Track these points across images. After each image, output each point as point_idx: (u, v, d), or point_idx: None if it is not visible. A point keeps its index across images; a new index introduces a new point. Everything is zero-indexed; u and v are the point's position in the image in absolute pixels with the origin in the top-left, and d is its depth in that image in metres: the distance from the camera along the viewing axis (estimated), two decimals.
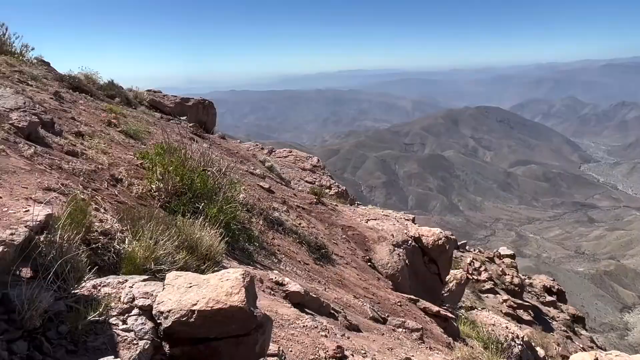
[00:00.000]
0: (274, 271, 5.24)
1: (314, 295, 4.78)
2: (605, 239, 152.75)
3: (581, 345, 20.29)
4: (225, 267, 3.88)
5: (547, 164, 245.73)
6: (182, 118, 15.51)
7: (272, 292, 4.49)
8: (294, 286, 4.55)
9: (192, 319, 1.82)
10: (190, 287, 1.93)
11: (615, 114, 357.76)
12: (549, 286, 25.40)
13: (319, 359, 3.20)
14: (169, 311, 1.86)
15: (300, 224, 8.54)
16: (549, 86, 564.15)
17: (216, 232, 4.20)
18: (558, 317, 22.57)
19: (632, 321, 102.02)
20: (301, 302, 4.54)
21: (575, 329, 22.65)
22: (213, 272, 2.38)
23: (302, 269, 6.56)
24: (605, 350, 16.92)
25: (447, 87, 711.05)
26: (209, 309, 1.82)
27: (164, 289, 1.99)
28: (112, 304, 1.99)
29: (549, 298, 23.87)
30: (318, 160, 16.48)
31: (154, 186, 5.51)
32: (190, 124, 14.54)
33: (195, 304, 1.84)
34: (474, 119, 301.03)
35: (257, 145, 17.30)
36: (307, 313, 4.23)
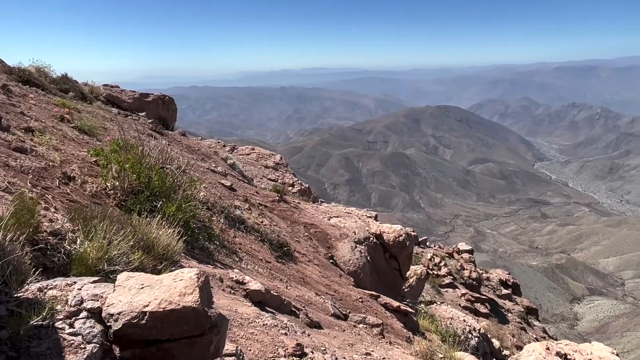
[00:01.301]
0: (235, 270, 5.19)
1: (275, 294, 4.76)
2: (556, 234, 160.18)
3: (534, 336, 21.17)
4: (183, 267, 3.80)
5: (503, 162, 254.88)
6: (140, 114, 15.06)
7: (233, 291, 4.43)
8: (254, 285, 4.51)
9: (144, 321, 1.77)
10: (143, 288, 1.87)
11: (566, 115, 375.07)
12: (504, 280, 26.39)
13: (278, 357, 3.19)
14: (119, 313, 1.79)
15: (262, 222, 8.48)
16: (505, 87, 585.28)
17: (174, 231, 4.10)
18: (513, 309, 23.48)
19: (581, 311, 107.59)
20: (262, 300, 4.51)
21: (529, 320, 23.62)
22: (170, 272, 2.32)
23: (264, 267, 6.51)
24: (556, 339, 17.76)
25: (409, 86, 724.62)
26: (161, 310, 1.77)
27: (114, 290, 1.92)
28: (59, 307, 1.90)
29: (504, 291, 24.79)
30: (281, 157, 16.41)
31: (109, 184, 5.33)
32: (150, 121, 14.14)
33: (147, 305, 1.79)
34: (435, 118, 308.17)
35: (219, 142, 17.03)
36: (267, 311, 4.21)
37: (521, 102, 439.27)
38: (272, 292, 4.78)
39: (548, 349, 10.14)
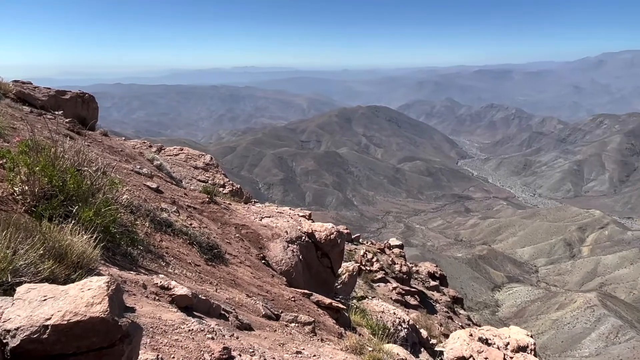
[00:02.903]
0: (160, 275, 4.99)
1: (203, 297, 4.64)
2: (479, 227, 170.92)
3: (460, 324, 22.40)
4: (101, 275, 3.59)
5: (430, 160, 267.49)
6: (57, 113, 14.00)
7: (157, 298, 4.26)
8: (180, 289, 4.37)
9: (46, 335, 1.63)
10: (45, 300, 1.73)
11: (485, 115, 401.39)
12: (432, 272, 27.66)
13: None
14: (17, 329, 1.64)
15: (191, 224, 8.23)
16: (431, 88, 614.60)
17: (91, 237, 3.86)
18: (441, 299, 24.70)
19: (501, 298, 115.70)
20: (189, 305, 4.37)
21: (455, 309, 24.97)
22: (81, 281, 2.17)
23: (193, 271, 6.32)
24: (479, 326, 18.90)
25: (340, 86, 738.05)
26: (65, 322, 1.64)
27: (13, 304, 1.76)
28: None
29: (432, 283, 25.99)
30: (211, 158, 16.02)
31: (17, 189, 4.89)
32: (67, 120, 13.17)
33: (50, 319, 1.65)
34: (366, 118, 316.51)
35: (144, 142, 16.28)
36: (195, 316, 4.09)
37: (445, 102, 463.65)
38: (200, 296, 4.66)
39: (471, 335, 10.78)
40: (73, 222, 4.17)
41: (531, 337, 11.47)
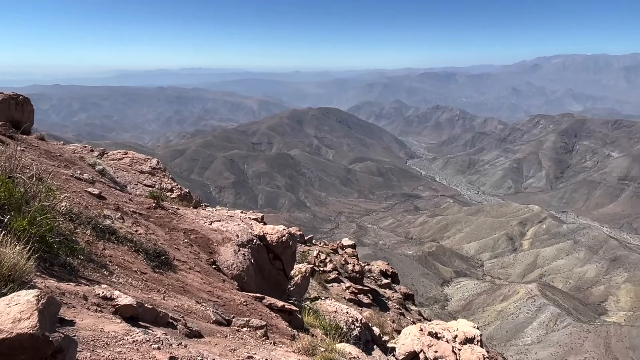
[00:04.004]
0: (103, 285, 4.77)
1: (149, 306, 4.48)
2: (427, 225, 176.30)
3: (411, 320, 22.97)
4: (36, 287, 3.38)
5: (380, 161, 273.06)
6: None
7: (99, 309, 4.07)
8: (124, 299, 4.19)
9: None
10: None
11: (432, 116, 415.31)
12: (384, 270, 28.18)
13: None
14: None
15: (136, 230, 7.94)
16: (380, 90, 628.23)
17: (24, 248, 3.63)
18: (393, 296, 25.21)
19: (450, 293, 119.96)
20: (134, 315, 4.21)
21: (407, 305, 25.58)
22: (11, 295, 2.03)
23: (139, 279, 6.10)
24: (430, 321, 19.47)
25: (291, 88, 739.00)
26: None
27: None
28: None
29: (385, 281, 26.48)
30: (158, 162, 15.51)
31: None
32: None
33: None
34: (317, 119, 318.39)
35: (85, 147, 15.51)
36: (140, 326, 3.94)
37: (393, 104, 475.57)
38: (146, 305, 4.50)
39: (421, 330, 11.11)
40: (3, 232, 3.91)
41: (477, 328, 11.97)
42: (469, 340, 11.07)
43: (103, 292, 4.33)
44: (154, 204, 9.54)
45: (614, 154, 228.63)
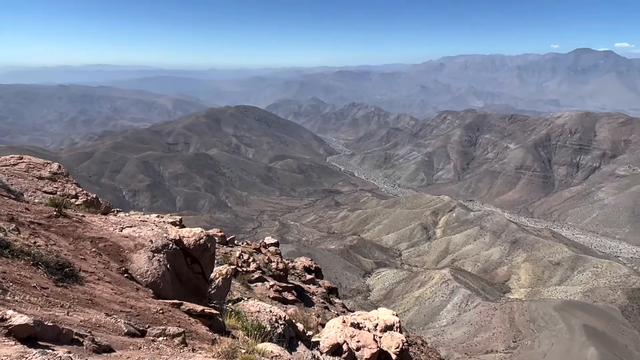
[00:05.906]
0: None
1: (50, 324, 4.12)
2: (348, 219, 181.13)
3: (336, 312, 23.46)
4: None
5: (300, 158, 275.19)
6: None
7: None
8: (19, 319, 3.81)
9: None
10: None
11: (348, 113, 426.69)
12: (308, 266, 28.47)
13: None
14: None
15: (35, 242, 7.26)
16: (297, 88, 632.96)
17: None
18: (317, 291, 25.57)
19: (371, 283, 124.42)
20: (32, 334, 3.85)
21: (331, 299, 26.08)
22: None
23: (39, 295, 5.59)
24: (353, 312, 20.02)
25: (207, 86, 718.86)
26: None
27: None
28: None
29: (308, 276, 26.76)
30: (59, 166, 14.27)
31: None
32: None
33: None
34: (235, 118, 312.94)
35: None
36: (38, 346, 3.61)
37: (311, 102, 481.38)
38: (46, 322, 4.13)
39: (344, 322, 11.38)
40: None
41: (396, 316, 12.52)
42: (388, 328, 11.55)
43: None
44: (55, 212, 8.78)
45: (511, 146, 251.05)
